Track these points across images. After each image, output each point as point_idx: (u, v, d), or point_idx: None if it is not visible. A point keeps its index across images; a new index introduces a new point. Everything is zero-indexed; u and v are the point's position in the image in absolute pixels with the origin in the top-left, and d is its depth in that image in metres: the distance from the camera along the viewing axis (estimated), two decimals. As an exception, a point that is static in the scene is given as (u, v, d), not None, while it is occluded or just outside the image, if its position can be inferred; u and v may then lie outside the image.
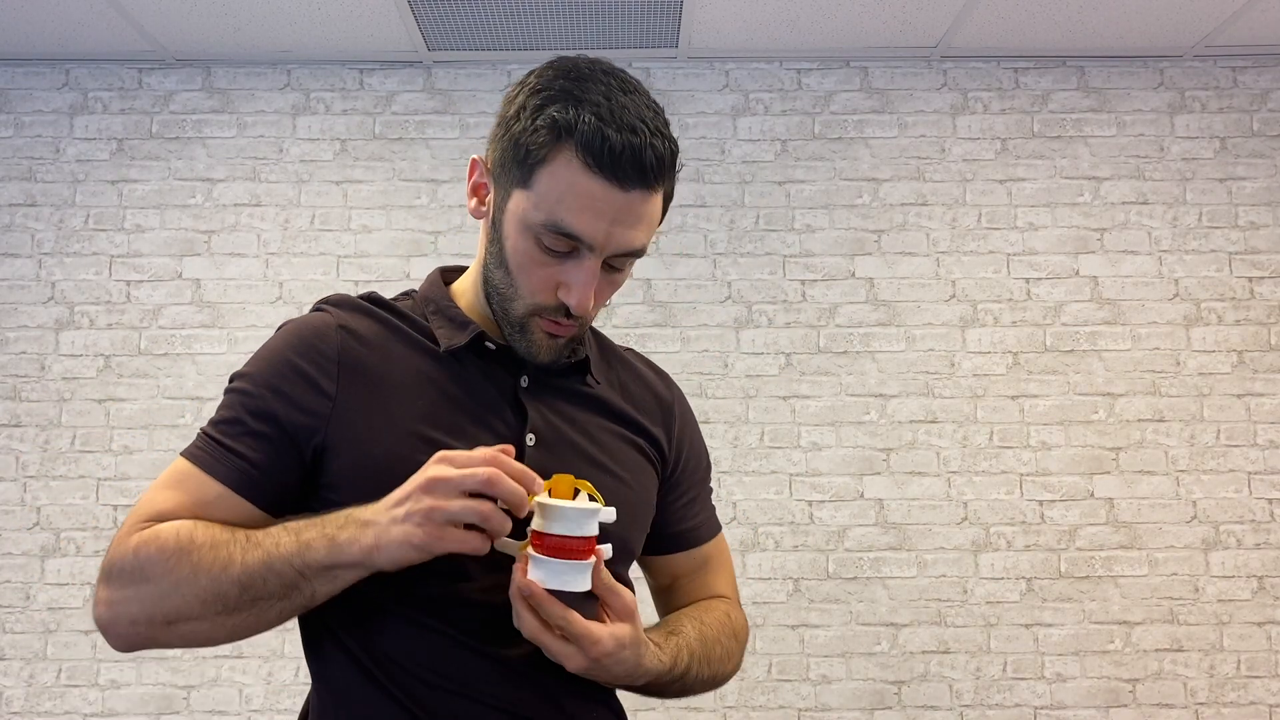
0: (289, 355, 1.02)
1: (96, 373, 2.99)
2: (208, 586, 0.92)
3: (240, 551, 0.92)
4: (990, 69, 3.13)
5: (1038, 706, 2.89)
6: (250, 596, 0.92)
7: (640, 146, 0.95)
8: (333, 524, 0.91)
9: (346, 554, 0.90)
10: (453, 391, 1.03)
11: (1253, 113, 3.10)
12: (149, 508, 0.98)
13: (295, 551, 0.91)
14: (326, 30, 2.91)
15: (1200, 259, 3.05)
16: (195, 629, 0.94)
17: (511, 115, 1.00)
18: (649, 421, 1.16)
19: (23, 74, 3.10)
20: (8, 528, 2.93)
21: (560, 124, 0.95)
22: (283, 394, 1.00)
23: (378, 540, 0.88)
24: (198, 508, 0.97)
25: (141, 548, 0.94)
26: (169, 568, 0.93)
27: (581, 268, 0.98)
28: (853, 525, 2.96)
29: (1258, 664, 2.90)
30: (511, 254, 1.00)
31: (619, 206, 0.96)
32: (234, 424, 1.00)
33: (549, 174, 0.96)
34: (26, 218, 3.05)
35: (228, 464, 0.98)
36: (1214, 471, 2.97)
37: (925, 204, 3.08)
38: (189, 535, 0.94)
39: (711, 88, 3.12)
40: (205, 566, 0.92)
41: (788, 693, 2.90)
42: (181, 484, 0.99)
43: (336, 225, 3.06)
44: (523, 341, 1.03)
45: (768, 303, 3.04)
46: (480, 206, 1.05)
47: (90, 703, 2.87)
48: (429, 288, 1.11)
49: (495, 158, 1.02)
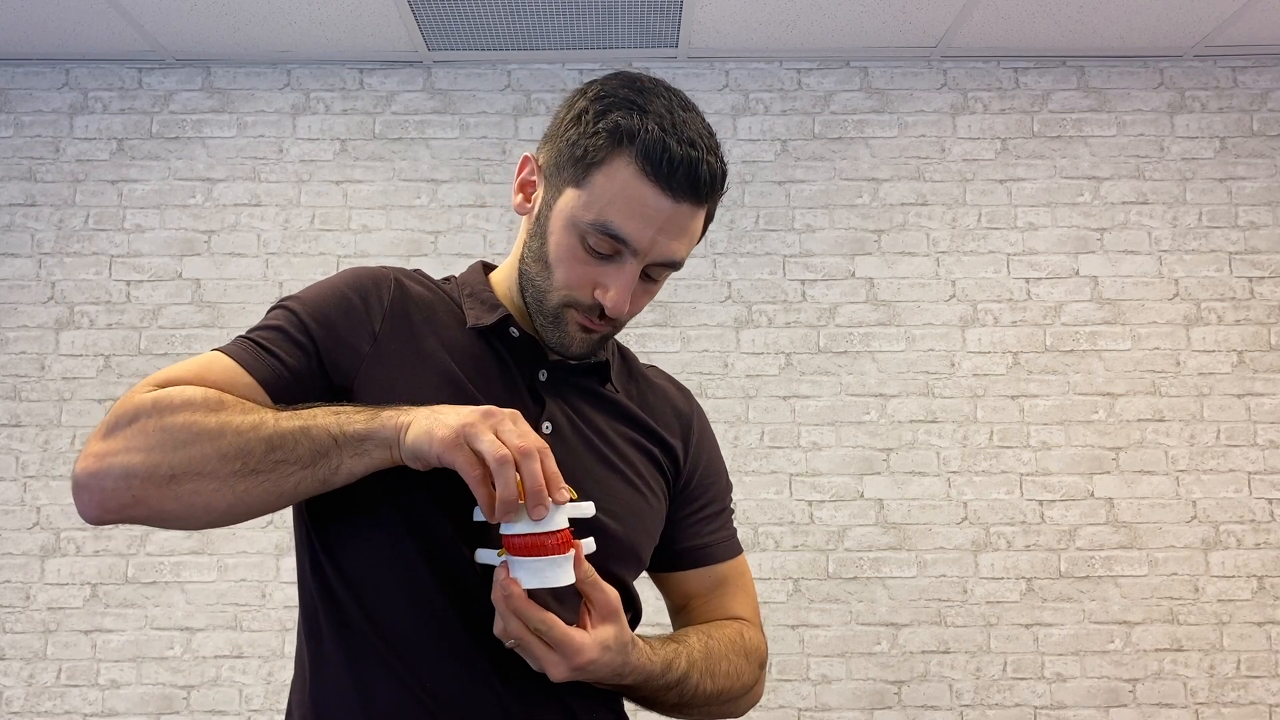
0: (345, 290, 1.05)
1: (96, 373, 2.99)
2: (233, 441, 0.89)
3: (273, 416, 0.91)
4: (990, 69, 3.13)
5: (1038, 706, 2.89)
6: (276, 458, 0.89)
7: (697, 160, 0.98)
8: (381, 409, 0.92)
9: (385, 427, 0.90)
10: (478, 367, 1.05)
11: (1253, 113, 3.10)
12: (170, 373, 0.96)
13: (334, 421, 0.90)
14: (326, 30, 2.91)
15: (1200, 259, 3.05)
16: (200, 489, 0.89)
17: (572, 118, 1.02)
18: (665, 432, 1.16)
19: (23, 74, 3.10)
20: (8, 528, 2.93)
21: (624, 129, 0.98)
22: (331, 323, 1.02)
23: (412, 422, 0.89)
24: (218, 380, 0.95)
25: (163, 399, 0.91)
26: (193, 419, 0.89)
27: (622, 271, 1.00)
28: (853, 525, 2.96)
29: (1258, 664, 2.90)
30: (554, 249, 1.02)
31: (667, 215, 0.99)
32: (275, 331, 1.01)
33: (605, 175, 0.98)
34: (26, 218, 3.05)
35: (264, 362, 0.98)
36: (1214, 471, 2.97)
37: (925, 204, 3.08)
38: (218, 395, 0.92)
39: (711, 88, 3.12)
40: (234, 422, 0.89)
41: (788, 693, 2.90)
42: (209, 367, 0.96)
43: (336, 225, 3.06)
44: (555, 332, 1.05)
45: (768, 303, 3.04)
46: (526, 203, 1.08)
47: (90, 703, 2.87)
48: (469, 274, 1.15)
49: (550, 157, 1.04)
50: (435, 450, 0.87)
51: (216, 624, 2.89)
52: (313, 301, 1.04)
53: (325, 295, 1.04)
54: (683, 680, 1.04)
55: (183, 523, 0.92)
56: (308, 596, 1.04)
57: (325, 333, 1.01)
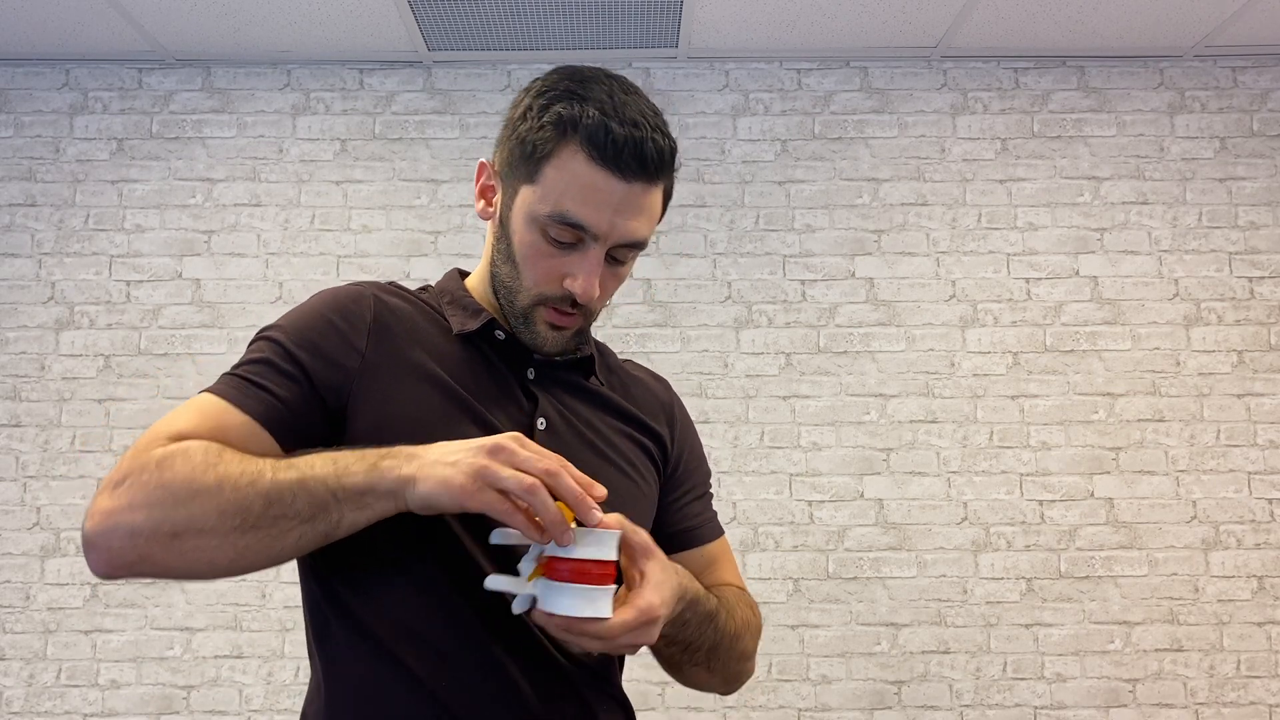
0: (325, 313, 1.05)
1: (96, 373, 2.99)
2: (231, 497, 0.88)
3: (271, 469, 0.90)
4: (990, 69, 3.13)
5: (1038, 706, 2.89)
6: (275, 513, 0.88)
7: (642, 139, 0.99)
8: (374, 454, 0.91)
9: (385, 480, 0.89)
10: (468, 371, 1.06)
11: (1253, 113, 3.10)
12: (169, 427, 0.95)
13: (331, 473, 0.89)
14: (326, 30, 2.91)
15: (1200, 259, 3.05)
16: (202, 545, 0.89)
17: (518, 117, 1.05)
18: (652, 421, 1.19)
19: (23, 74, 3.10)
20: (8, 528, 2.93)
21: (566, 119, 1.00)
22: (316, 347, 1.02)
23: (419, 473, 0.88)
24: (218, 433, 0.95)
25: (165, 458, 0.91)
26: (192, 476, 0.89)
27: (586, 257, 1.02)
28: (853, 525, 2.96)
29: (1258, 664, 2.90)
30: (518, 247, 1.04)
31: (621, 197, 1.00)
32: (263, 364, 1.01)
33: (554, 167, 1.00)
34: (26, 218, 3.05)
35: (254, 398, 0.98)
36: (1214, 471, 2.97)
37: (925, 204, 3.08)
38: (218, 452, 0.92)
39: (711, 88, 3.12)
40: (232, 478, 0.89)
41: (788, 693, 2.90)
42: (203, 412, 0.97)
43: (336, 225, 3.06)
44: (527, 332, 1.07)
45: (768, 303, 3.04)
46: (488, 208, 1.10)
47: (90, 703, 2.87)
48: (446, 281, 1.16)
49: (503, 158, 1.07)
50: (457, 500, 0.86)
51: (216, 624, 2.89)
52: (294, 328, 1.03)
53: (306, 320, 1.04)
54: (714, 615, 1.06)
55: (190, 578, 0.94)
56: (314, 605, 1.04)
57: (312, 357, 1.01)
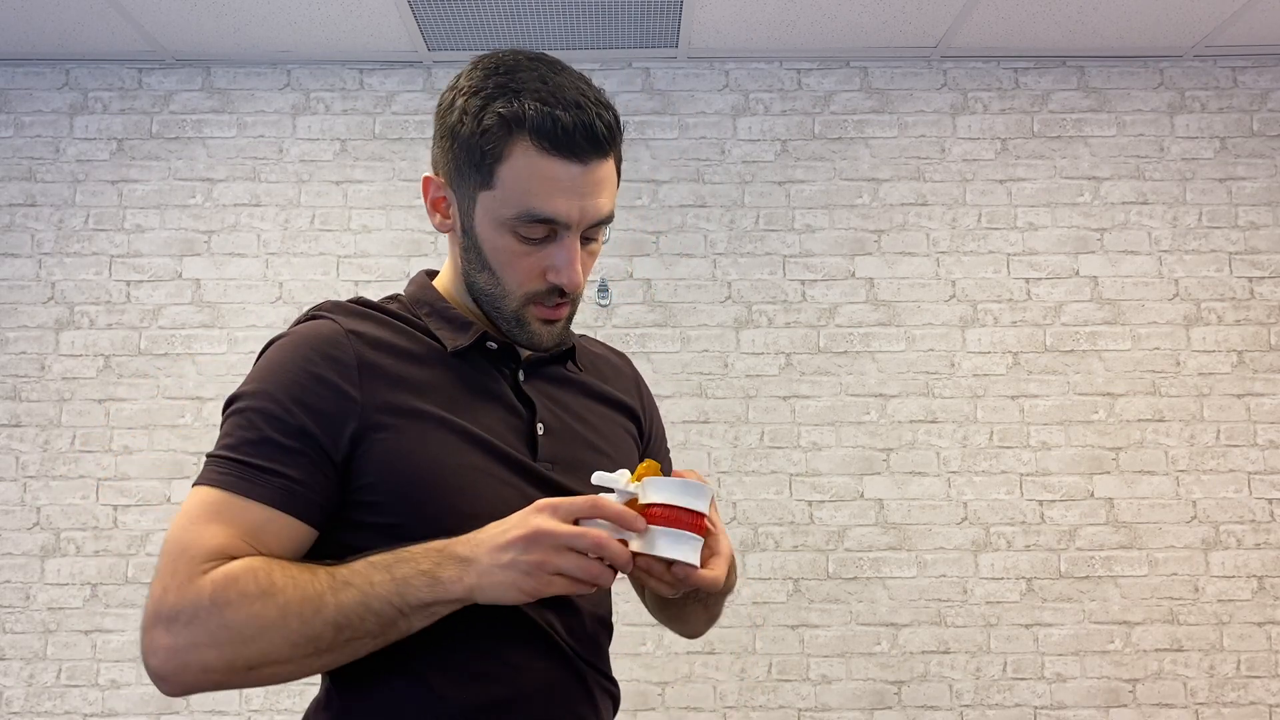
0: (306, 366, 0.98)
1: (96, 373, 2.99)
2: (299, 630, 0.89)
3: (330, 592, 0.89)
4: (990, 69, 3.13)
5: (1038, 706, 2.89)
6: (346, 637, 0.90)
7: (589, 120, 0.98)
8: (427, 560, 0.91)
9: (450, 592, 0.90)
10: (463, 388, 1.04)
11: (1253, 113, 3.10)
12: (200, 546, 0.91)
13: (394, 590, 0.89)
14: (326, 30, 2.91)
15: (1200, 259, 3.05)
16: (279, 671, 0.91)
17: (454, 123, 1.02)
18: (627, 397, 1.20)
19: (23, 74, 3.10)
20: (8, 528, 2.93)
21: (508, 117, 0.98)
22: (309, 406, 0.96)
23: (480, 580, 0.90)
24: (248, 536, 0.93)
25: (219, 593, 0.89)
26: (253, 612, 0.88)
27: (563, 247, 1.01)
28: (853, 525, 2.96)
29: (1258, 664, 2.90)
30: (492, 254, 1.02)
31: (581, 180, 0.99)
32: (263, 444, 0.95)
33: (509, 168, 0.99)
34: (26, 218, 3.05)
35: (268, 485, 0.94)
36: (1214, 471, 2.97)
37: (925, 204, 3.08)
38: (268, 576, 0.90)
39: (711, 88, 3.12)
40: (294, 609, 0.89)
41: (788, 693, 2.90)
42: (220, 514, 0.93)
43: (336, 225, 3.06)
44: (523, 334, 1.05)
45: (768, 303, 3.04)
46: (445, 220, 1.07)
47: (90, 703, 2.87)
48: (419, 290, 1.11)
49: (448, 169, 1.04)
50: (528, 599, 0.90)
51: (216, 624, 2.88)
52: (280, 390, 0.97)
53: (289, 377, 0.98)
54: (731, 570, 1.07)
55: (282, 683, 0.95)
56: None
57: (312, 421, 0.96)
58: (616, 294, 3.03)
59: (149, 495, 2.94)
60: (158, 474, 2.95)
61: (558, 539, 0.88)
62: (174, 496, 2.93)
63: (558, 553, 0.88)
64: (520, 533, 0.89)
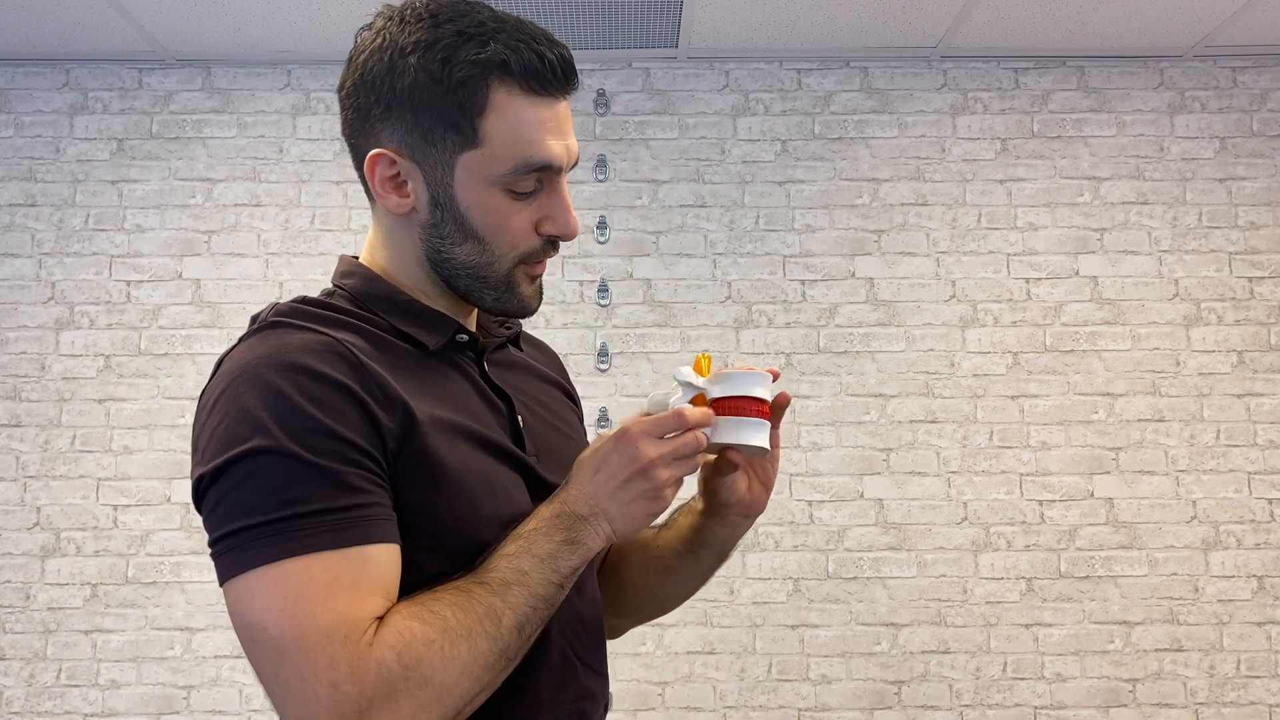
0: (329, 387, 0.85)
1: (96, 373, 2.99)
2: (490, 650, 0.85)
3: (498, 598, 0.86)
4: (990, 69, 3.13)
5: (1038, 706, 2.89)
6: (527, 634, 0.89)
7: (562, 53, 0.94)
8: (557, 530, 0.91)
9: (594, 549, 0.92)
10: (450, 386, 0.98)
11: (1253, 113, 3.10)
12: (343, 622, 0.80)
13: (549, 569, 0.90)
14: (326, 30, 2.91)
15: (1200, 259, 3.05)
16: (483, 696, 0.87)
17: (408, 86, 0.91)
18: (560, 377, 1.20)
19: (23, 74, 3.10)
20: (8, 528, 2.93)
21: (488, 63, 0.90)
22: (347, 420, 0.85)
23: (615, 526, 0.92)
24: (381, 588, 0.84)
25: (403, 656, 0.81)
26: (446, 657, 0.83)
27: (557, 194, 0.97)
28: (853, 525, 2.96)
29: (1258, 664, 2.90)
30: (481, 218, 0.94)
31: (563, 117, 0.95)
32: (331, 483, 0.83)
33: (495, 120, 0.91)
34: (26, 218, 3.05)
35: (370, 525, 0.84)
36: (1214, 471, 2.97)
37: (925, 204, 3.08)
38: (433, 615, 0.84)
39: (711, 88, 3.12)
40: (478, 633, 0.85)
41: (788, 693, 2.90)
42: (336, 579, 0.81)
43: (336, 225, 3.06)
44: (513, 300, 0.99)
45: (768, 303, 3.04)
46: (402, 200, 0.96)
47: (90, 703, 2.87)
48: (365, 283, 1.00)
49: (409, 139, 0.93)
50: (658, 516, 0.95)
51: (216, 624, 2.89)
52: (325, 420, 0.84)
53: (327, 404, 0.85)
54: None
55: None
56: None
57: (358, 436, 0.85)
58: (616, 294, 3.03)
59: (149, 495, 2.94)
60: (158, 474, 2.95)
61: (666, 458, 0.92)
62: (174, 496, 2.93)
63: (667, 467, 0.92)
64: (636, 467, 0.92)
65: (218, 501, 0.84)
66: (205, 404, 0.89)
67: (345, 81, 0.99)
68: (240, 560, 0.83)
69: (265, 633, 0.81)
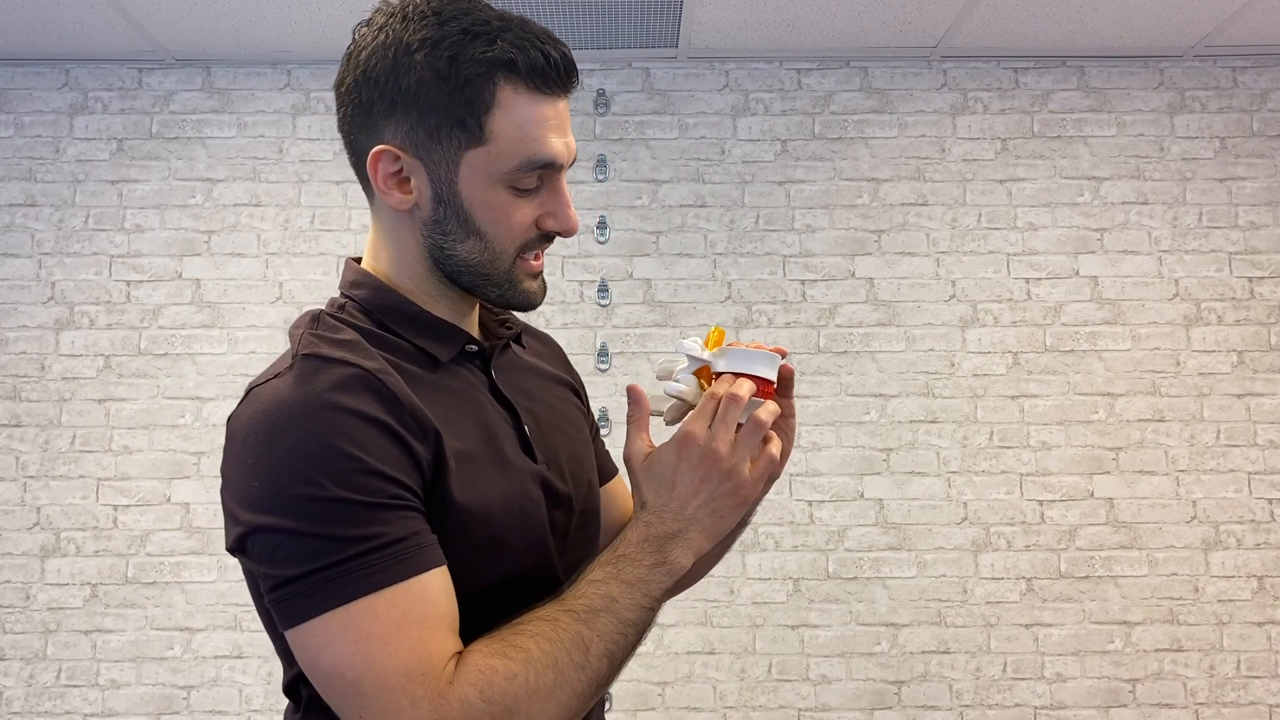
0: (371, 420, 0.86)
1: (96, 373, 2.99)
2: (579, 678, 0.85)
3: (585, 626, 0.86)
4: (990, 69, 3.13)
5: (1038, 706, 2.89)
6: (619, 660, 0.88)
7: (564, 50, 0.94)
8: (645, 554, 0.90)
9: (685, 564, 0.91)
10: (466, 403, 0.97)
11: (1253, 113, 3.10)
12: (419, 661, 0.81)
13: (638, 594, 0.89)
14: (326, 30, 2.91)
15: (1200, 259, 3.05)
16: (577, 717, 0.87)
17: (415, 84, 0.91)
18: (567, 375, 1.18)
19: (23, 74, 3.10)
20: (8, 528, 2.93)
21: (495, 61, 0.91)
22: (390, 456, 0.86)
23: (705, 537, 0.92)
24: (446, 618, 0.85)
25: (486, 691, 0.81)
26: (531, 689, 0.83)
27: (557, 190, 0.97)
28: (853, 525, 2.96)
29: (1258, 664, 2.90)
30: (484, 214, 0.94)
31: (563, 115, 0.96)
32: (383, 521, 0.83)
33: (501, 115, 0.92)
34: (26, 218, 3.05)
35: (423, 552, 0.85)
36: (1214, 471, 2.97)
37: (925, 204, 3.08)
38: (515, 648, 0.84)
39: (711, 88, 3.12)
40: (564, 662, 0.84)
41: (788, 693, 2.90)
42: (405, 615, 0.82)
43: (336, 225, 3.06)
44: (516, 294, 0.99)
45: (768, 303, 3.04)
46: (405, 196, 0.95)
47: (90, 703, 2.87)
48: (375, 294, 0.99)
49: (414, 136, 0.93)
50: (746, 506, 0.94)
51: (216, 624, 2.89)
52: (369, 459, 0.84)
53: (369, 443, 0.85)
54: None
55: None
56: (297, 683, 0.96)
57: (410, 472, 0.87)
58: (616, 294, 3.03)
59: (149, 495, 2.94)
60: (158, 474, 2.95)
61: (741, 449, 0.92)
62: (174, 496, 2.93)
63: (742, 462, 0.92)
64: (716, 475, 0.92)
65: (275, 549, 0.83)
66: (243, 441, 0.87)
67: (345, 78, 0.97)
68: (306, 606, 0.82)
69: (342, 678, 0.81)
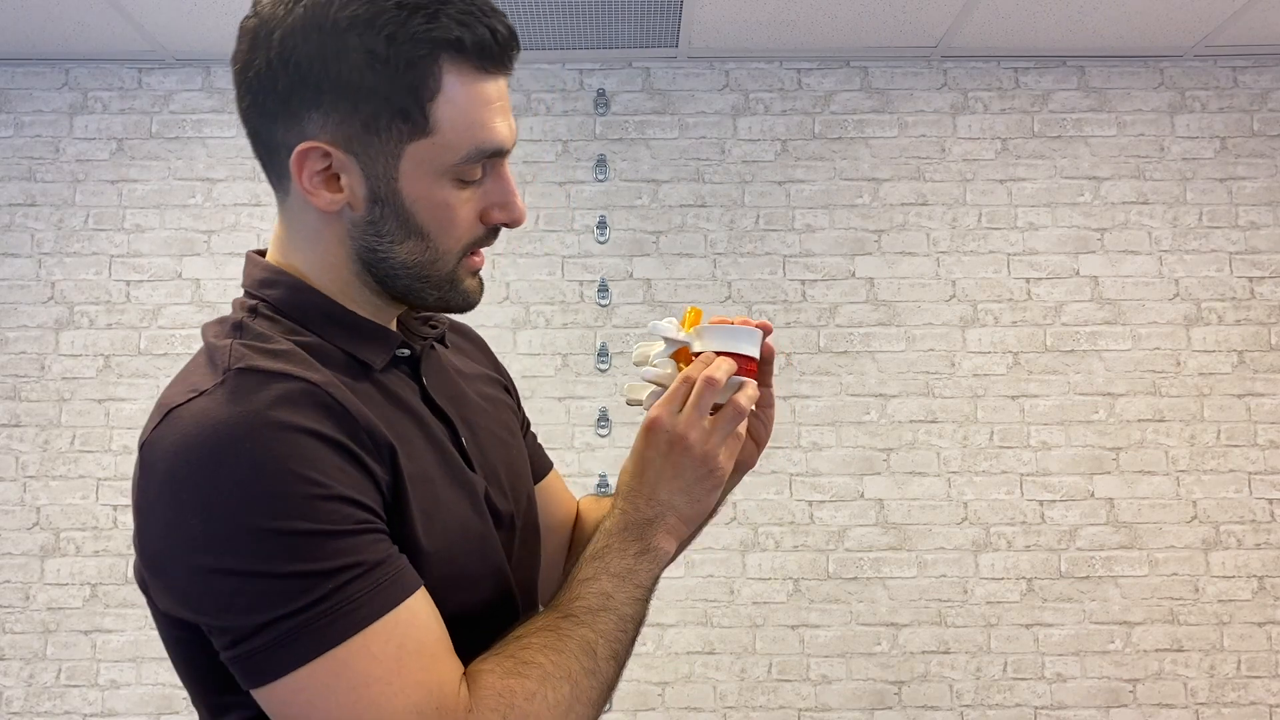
0: (324, 439, 0.77)
1: (96, 373, 2.99)
2: (590, 684, 0.82)
3: (588, 630, 0.84)
4: (990, 69, 3.13)
5: (1038, 706, 2.89)
6: (623, 659, 0.86)
7: (511, 26, 0.87)
8: (629, 543, 0.88)
9: (668, 550, 0.90)
10: (403, 413, 0.89)
11: (1253, 113, 3.10)
12: (431, 689, 0.75)
13: (631, 586, 0.87)
14: (326, 30, 2.91)
15: (1200, 259, 3.05)
16: None
17: (348, 71, 0.81)
18: (495, 371, 1.11)
19: (23, 74, 3.10)
20: (8, 528, 2.93)
21: (439, 40, 0.81)
22: (348, 477, 0.78)
23: (683, 520, 0.90)
24: (441, 640, 0.79)
25: (510, 714, 0.78)
26: (549, 704, 0.79)
27: (502, 178, 0.89)
28: (853, 525, 2.96)
29: (1258, 664, 2.90)
30: (428, 212, 0.85)
31: (505, 95, 0.88)
32: (355, 549, 0.75)
33: (445, 105, 0.82)
34: (26, 218, 3.05)
35: (403, 575, 0.78)
36: (1214, 471, 2.97)
37: (925, 204, 3.08)
38: (525, 663, 0.81)
39: (711, 88, 3.12)
40: (576, 668, 0.82)
41: (788, 693, 2.90)
42: (403, 647, 0.75)
43: (336, 225, 3.06)
44: (457, 296, 0.91)
45: (768, 303, 3.04)
46: (335, 196, 0.86)
47: (90, 703, 2.87)
48: (294, 294, 0.91)
49: (347, 131, 0.83)
50: (721, 487, 0.92)
51: (216, 624, 2.88)
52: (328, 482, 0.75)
53: (326, 465, 0.76)
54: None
55: None
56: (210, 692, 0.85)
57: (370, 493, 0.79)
58: (616, 294, 3.03)
59: (149, 495, 2.94)
60: (158, 474, 2.95)
61: (716, 435, 0.89)
62: (174, 496, 2.93)
63: (717, 447, 0.89)
64: (687, 461, 0.89)
65: (231, 596, 0.73)
66: (170, 473, 0.75)
67: (253, 60, 0.87)
68: (284, 658, 0.72)
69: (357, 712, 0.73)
